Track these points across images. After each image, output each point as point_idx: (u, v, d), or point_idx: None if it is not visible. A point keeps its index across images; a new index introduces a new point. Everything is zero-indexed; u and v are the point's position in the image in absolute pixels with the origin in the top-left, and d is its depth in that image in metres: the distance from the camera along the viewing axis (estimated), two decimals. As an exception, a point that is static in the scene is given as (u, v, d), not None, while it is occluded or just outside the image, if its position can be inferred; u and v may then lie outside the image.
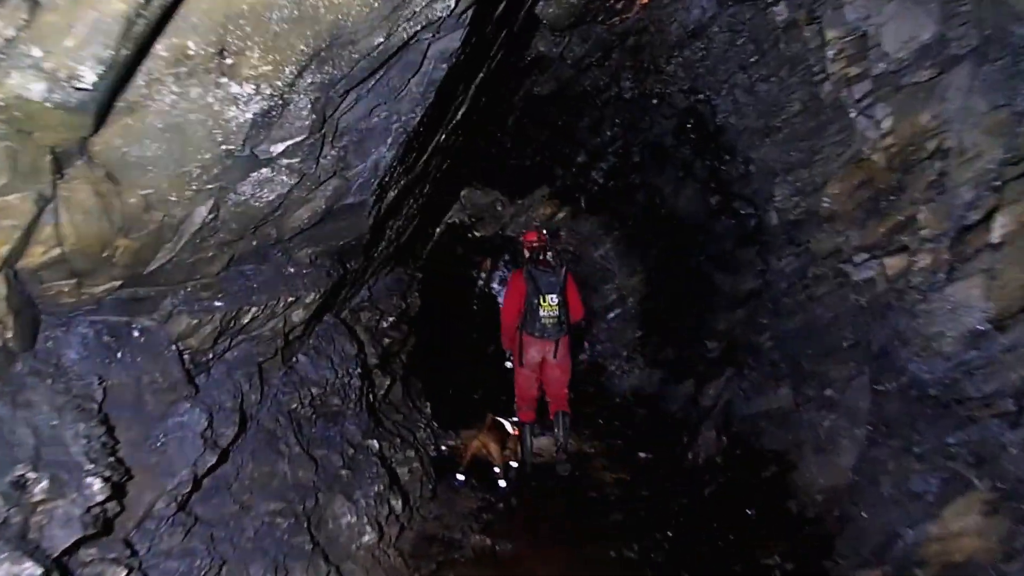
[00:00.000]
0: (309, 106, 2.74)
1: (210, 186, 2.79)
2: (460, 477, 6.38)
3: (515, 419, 7.11)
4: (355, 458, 5.08)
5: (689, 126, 7.00)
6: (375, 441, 5.36)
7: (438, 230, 11.19)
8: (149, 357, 3.34)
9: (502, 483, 6.45)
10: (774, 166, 5.86)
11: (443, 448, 7.56)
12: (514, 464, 6.82)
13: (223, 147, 2.62)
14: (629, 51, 6.70)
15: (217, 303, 3.61)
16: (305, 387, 4.79)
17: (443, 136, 4.65)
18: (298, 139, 2.87)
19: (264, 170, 2.99)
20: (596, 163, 8.89)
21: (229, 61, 2.28)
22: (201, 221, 2.98)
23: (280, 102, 2.61)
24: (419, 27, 2.81)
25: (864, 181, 4.93)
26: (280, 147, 2.87)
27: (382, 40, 2.68)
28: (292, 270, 4.12)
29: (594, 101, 7.65)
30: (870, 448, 4.75)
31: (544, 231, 6.96)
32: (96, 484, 2.61)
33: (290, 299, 4.03)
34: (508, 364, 7.54)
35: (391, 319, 6.54)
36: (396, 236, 5.52)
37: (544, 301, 6.37)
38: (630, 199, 9.67)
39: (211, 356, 3.78)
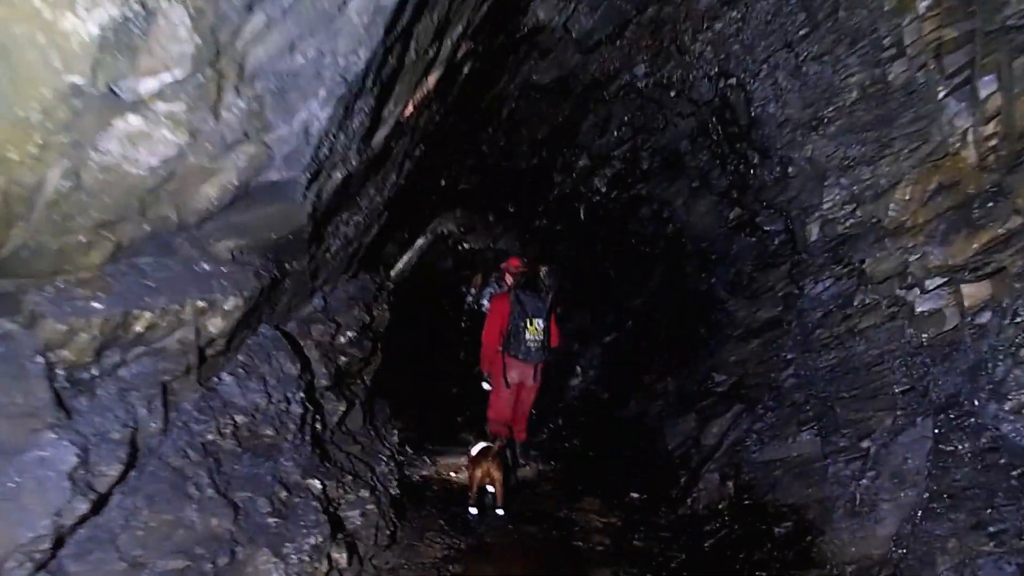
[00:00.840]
0: (188, 21, 1.92)
1: (60, 139, 2.06)
2: (473, 511, 6.13)
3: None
4: (289, 502, 4.21)
5: (713, 121, 6.08)
6: (317, 480, 4.47)
7: (422, 241, 10.40)
8: (6, 371, 2.64)
9: (500, 511, 6.18)
10: (824, 166, 5.01)
11: (416, 478, 7.02)
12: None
13: (66, 78, 1.89)
14: (648, 26, 5.83)
15: (96, 304, 2.83)
16: (228, 414, 3.95)
17: (410, 107, 3.71)
18: (178, 74, 2.11)
19: (133, 119, 2.23)
20: (600, 169, 8.05)
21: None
22: (55, 189, 2.24)
23: (141, 9, 1.78)
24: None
25: (947, 184, 3.99)
26: (151, 84, 2.13)
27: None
28: (207, 267, 3.32)
29: (601, 93, 6.80)
30: (923, 519, 3.81)
31: (526, 258, 7.03)
32: None
33: (200, 304, 3.18)
34: (486, 386, 6.90)
35: (351, 334, 5.65)
36: (356, 235, 4.63)
37: (531, 325, 6.37)
38: (634, 212, 8.88)
39: (96, 373, 3.01)
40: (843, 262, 5.09)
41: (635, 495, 7.50)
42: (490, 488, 6.25)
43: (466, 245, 12.12)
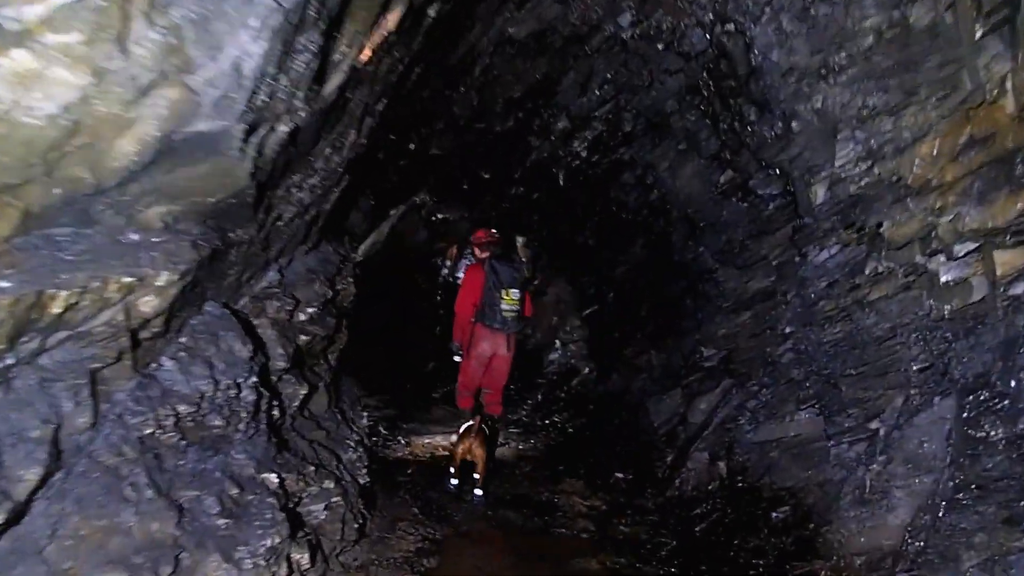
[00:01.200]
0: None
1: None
2: (453, 482, 6.16)
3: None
4: (242, 500, 3.80)
5: (704, 77, 5.61)
6: (274, 474, 4.04)
7: (396, 211, 9.88)
8: None
9: (479, 491, 6.12)
10: (835, 118, 4.57)
11: (390, 459, 6.78)
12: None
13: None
14: (636, -38, 5.27)
15: (3, 283, 2.42)
16: (169, 404, 3.52)
17: (367, 50, 3.19)
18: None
19: (20, 55, 1.82)
20: (580, 131, 7.56)
21: None
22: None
23: None
24: None
25: (981, 137, 3.54)
26: (37, 9, 1.72)
27: None
28: (135, 238, 2.88)
29: (582, 47, 6.32)
30: (947, 510, 3.42)
31: (494, 229, 6.98)
32: None
33: (127, 280, 2.77)
34: (457, 358, 6.91)
35: (311, 310, 5.19)
36: (313, 200, 4.14)
37: (507, 295, 6.36)
38: (616, 178, 8.51)
39: (10, 362, 2.58)
40: (854, 226, 4.66)
41: (620, 475, 7.19)
42: (473, 464, 6.20)
43: (440, 215, 11.53)
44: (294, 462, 4.69)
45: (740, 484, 5.92)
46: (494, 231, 6.92)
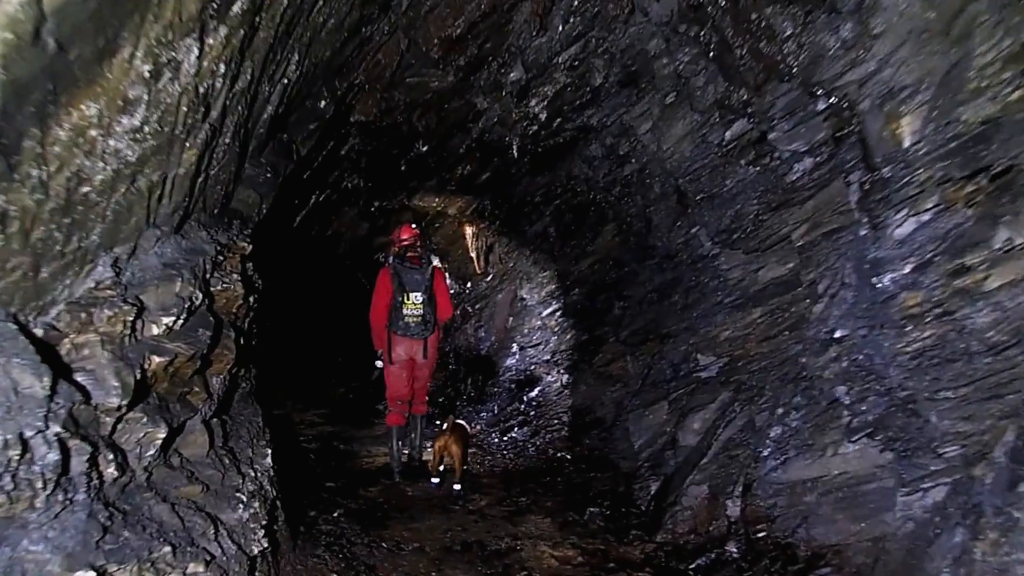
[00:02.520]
0: None
1: None
2: (435, 481, 6.28)
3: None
4: None
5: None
6: (92, 573, 2.39)
7: (319, 195, 8.29)
8: None
9: (457, 486, 6.20)
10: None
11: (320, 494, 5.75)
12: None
13: None
14: None
15: None
16: None
17: None
18: None
19: None
20: (538, 85, 6.03)
21: None
22: None
23: None
24: None
25: None
26: None
27: None
28: None
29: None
30: None
31: (414, 225, 6.73)
32: None
33: None
34: (378, 364, 6.56)
35: (169, 320, 3.58)
36: (143, 156, 2.49)
37: (408, 299, 6.18)
38: (580, 152, 7.18)
39: None
40: (978, 174, 3.10)
41: (595, 510, 5.93)
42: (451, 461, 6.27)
43: (376, 203, 9.94)
44: (136, 544, 3.09)
45: (761, 535, 4.53)
46: (415, 227, 6.60)
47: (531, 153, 7.25)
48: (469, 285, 12.80)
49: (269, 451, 5.15)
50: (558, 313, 9.54)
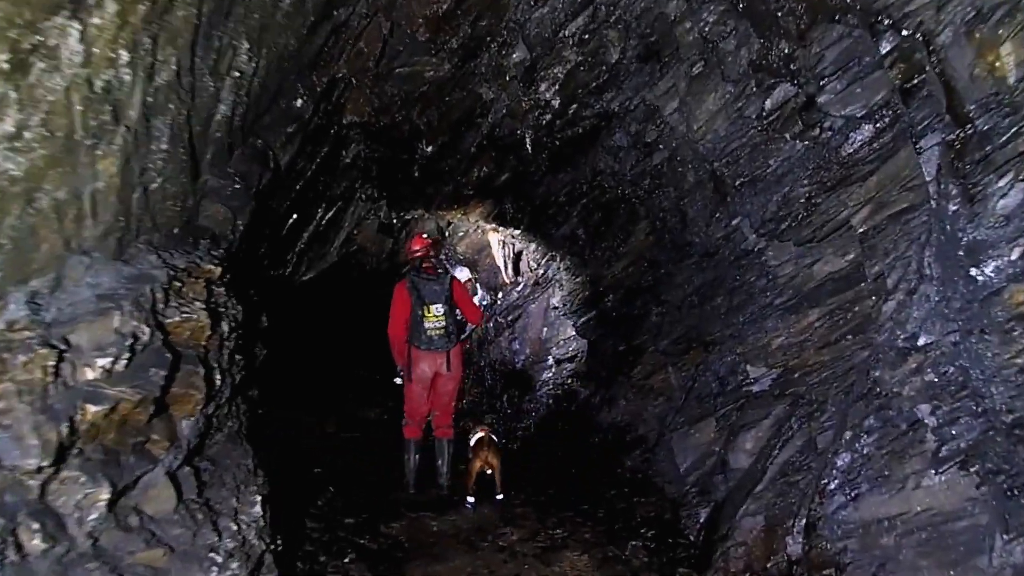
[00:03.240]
0: None
1: None
2: (471, 500, 6.04)
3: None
4: None
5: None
6: None
7: (327, 209, 7.70)
8: None
9: (500, 496, 6.16)
10: None
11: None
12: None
13: None
14: None
15: None
16: None
17: None
18: None
19: None
20: (545, 66, 5.37)
21: None
22: None
23: None
24: None
25: None
26: None
27: None
28: None
29: None
30: None
31: (427, 235, 6.86)
32: None
33: None
34: (398, 380, 6.39)
35: (105, 361, 3.04)
36: (31, 162, 1.88)
37: (428, 312, 6.01)
38: (603, 141, 6.50)
39: None
40: None
41: (637, 543, 5.34)
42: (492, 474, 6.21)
43: (396, 215, 9.34)
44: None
45: (830, 581, 3.80)
46: (426, 236, 6.46)
47: (548, 147, 6.60)
48: (500, 295, 12.19)
49: (259, 498, 4.52)
50: (593, 322, 8.84)
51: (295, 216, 6.67)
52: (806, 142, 4.13)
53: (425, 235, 6.71)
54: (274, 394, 7.27)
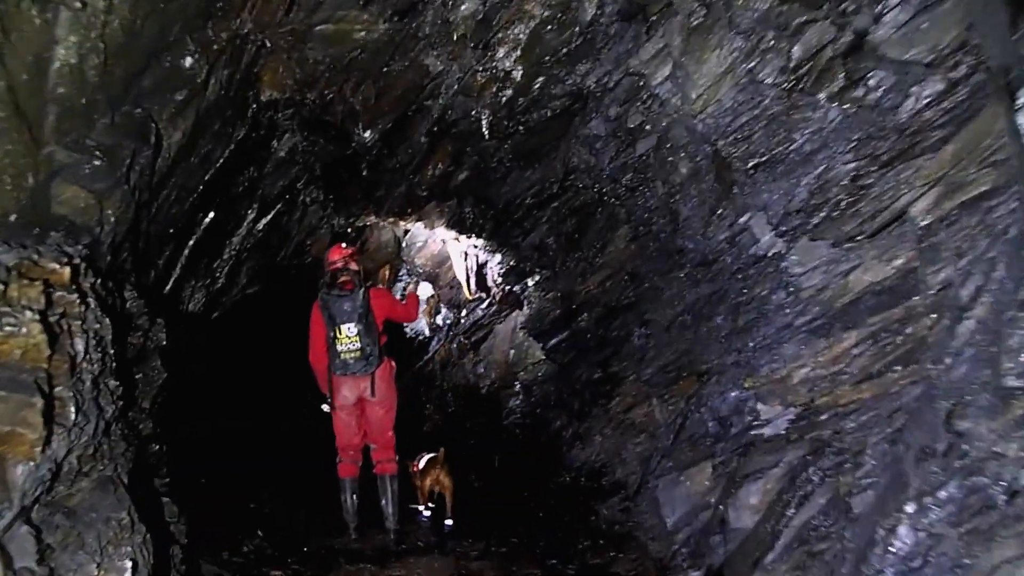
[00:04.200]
0: None
1: None
2: (426, 513, 6.12)
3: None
4: None
5: None
6: None
7: (266, 213, 6.74)
8: None
9: (449, 522, 5.98)
10: None
11: None
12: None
13: None
14: None
15: None
16: None
17: None
18: None
19: None
20: (503, 24, 4.33)
21: None
22: None
23: None
24: None
25: None
26: None
27: None
28: None
29: None
30: None
31: (345, 245, 5.80)
32: None
33: None
34: (325, 408, 5.66)
35: None
36: None
37: (340, 333, 5.39)
38: (580, 125, 5.54)
39: None
40: None
41: None
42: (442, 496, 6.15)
43: (344, 220, 8.38)
44: None
45: None
46: (345, 246, 5.78)
47: (510, 135, 5.61)
48: (464, 313, 11.26)
49: (130, 563, 3.50)
50: (564, 344, 7.88)
51: (212, 215, 5.63)
52: (846, 105, 3.11)
53: (344, 244, 5.80)
54: (196, 422, 6.45)
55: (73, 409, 3.16)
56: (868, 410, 3.37)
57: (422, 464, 6.02)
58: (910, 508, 2.80)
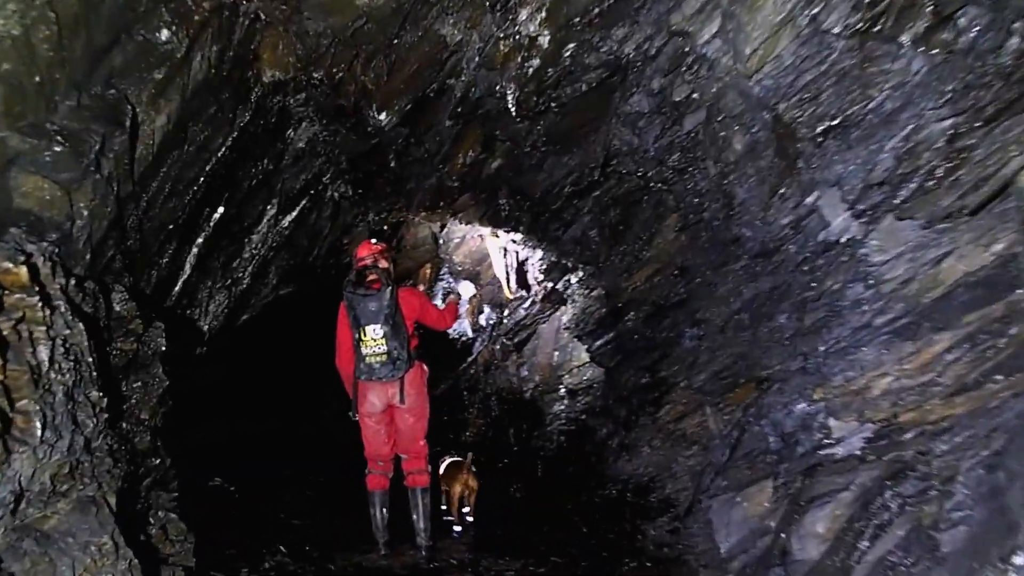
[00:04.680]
0: None
1: None
2: (458, 528, 5.81)
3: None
4: None
5: None
6: None
7: (291, 210, 6.56)
8: None
9: (470, 518, 5.83)
10: None
11: None
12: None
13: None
14: None
15: None
16: None
17: None
18: None
19: None
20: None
21: None
22: None
23: None
24: None
25: None
26: None
27: None
28: None
29: None
30: None
31: (375, 240, 5.50)
32: None
33: None
34: (352, 416, 5.27)
35: None
36: None
37: (365, 335, 5.05)
38: (620, 102, 5.06)
39: None
40: None
41: None
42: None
43: (375, 218, 8.09)
44: None
45: None
46: (374, 241, 5.47)
47: (542, 112, 5.11)
48: (506, 313, 10.86)
49: None
50: (610, 347, 7.47)
51: (221, 210, 5.28)
52: (935, 50, 2.51)
53: (374, 240, 5.45)
54: (217, 428, 6.58)
55: (39, 424, 2.87)
56: (962, 429, 2.83)
57: (443, 468, 5.87)
58: (1019, 560, 2.22)
